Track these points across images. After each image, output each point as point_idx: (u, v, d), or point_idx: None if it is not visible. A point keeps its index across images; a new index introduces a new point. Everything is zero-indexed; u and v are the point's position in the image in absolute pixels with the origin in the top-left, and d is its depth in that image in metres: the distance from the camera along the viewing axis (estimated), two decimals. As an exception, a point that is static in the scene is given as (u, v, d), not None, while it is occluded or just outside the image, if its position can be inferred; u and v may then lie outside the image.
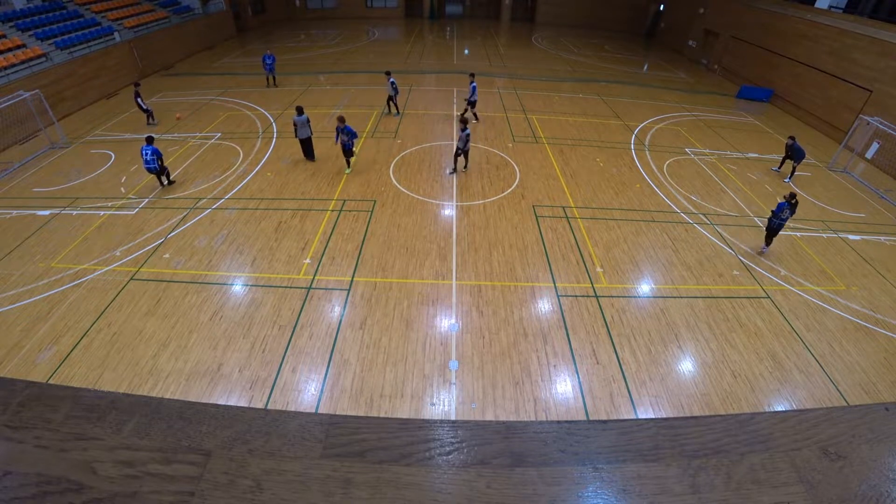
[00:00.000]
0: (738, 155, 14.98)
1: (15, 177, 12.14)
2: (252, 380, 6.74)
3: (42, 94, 13.73)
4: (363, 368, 6.97)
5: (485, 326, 7.77)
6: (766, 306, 8.57)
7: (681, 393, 6.83)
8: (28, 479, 0.76)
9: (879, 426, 0.91)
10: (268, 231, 9.99)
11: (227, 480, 0.78)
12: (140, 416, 0.87)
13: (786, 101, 19.92)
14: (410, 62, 24.10)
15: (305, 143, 12.65)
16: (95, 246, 9.42)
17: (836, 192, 13.11)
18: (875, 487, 0.79)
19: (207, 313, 7.87)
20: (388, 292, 8.42)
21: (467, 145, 11.90)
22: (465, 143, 11.80)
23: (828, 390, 7.03)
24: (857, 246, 10.60)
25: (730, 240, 10.44)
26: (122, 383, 6.63)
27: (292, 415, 0.90)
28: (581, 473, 0.81)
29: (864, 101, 16.08)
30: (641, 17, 34.47)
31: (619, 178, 12.85)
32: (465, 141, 11.78)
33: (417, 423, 0.88)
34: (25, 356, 7.02)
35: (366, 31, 31.64)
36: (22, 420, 0.85)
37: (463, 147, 11.93)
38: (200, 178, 12.05)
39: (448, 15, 39.34)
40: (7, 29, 16.84)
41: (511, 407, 6.50)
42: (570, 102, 18.88)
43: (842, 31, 17.23)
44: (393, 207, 10.98)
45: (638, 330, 7.87)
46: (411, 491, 0.77)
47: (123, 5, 21.97)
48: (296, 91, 18.90)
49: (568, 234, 10.22)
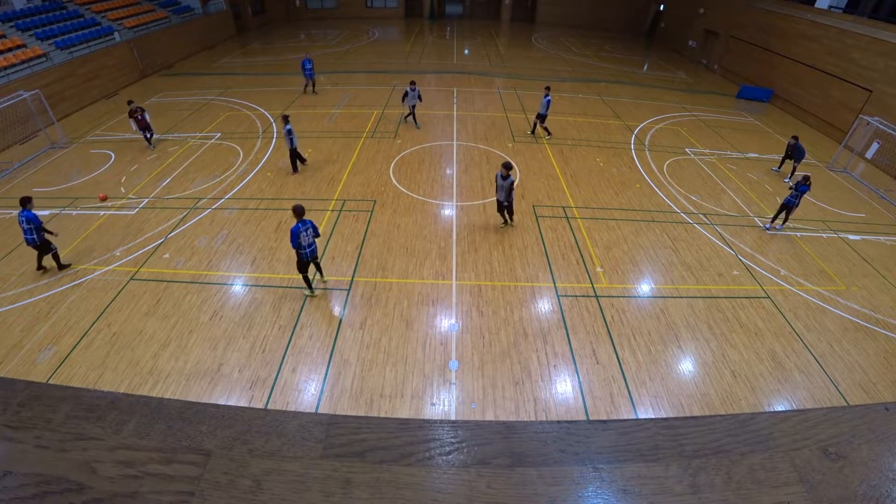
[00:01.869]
0: (738, 155, 14.97)
1: (15, 177, 12.14)
2: (252, 380, 6.74)
3: (42, 94, 13.73)
4: (363, 368, 6.96)
5: (485, 326, 7.77)
6: (766, 306, 8.57)
7: (681, 393, 6.83)
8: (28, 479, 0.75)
9: (879, 426, 0.91)
10: (268, 231, 9.99)
11: (227, 480, 0.78)
12: (140, 416, 0.87)
13: (786, 101, 19.92)
14: (410, 62, 24.10)
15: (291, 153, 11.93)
16: (95, 246, 9.41)
17: (836, 192, 13.10)
18: (875, 487, 0.79)
19: (207, 313, 7.87)
20: (388, 292, 8.42)
21: (511, 196, 9.69)
22: (508, 193, 9.57)
23: (828, 390, 7.03)
24: (857, 246, 10.59)
25: (730, 240, 10.44)
26: (122, 383, 6.63)
27: (292, 415, 0.90)
28: (581, 473, 0.81)
29: (864, 101, 16.08)
30: (641, 17, 34.46)
31: (619, 178, 12.85)
32: (509, 191, 9.55)
33: (417, 423, 0.88)
34: (25, 356, 7.02)
35: (366, 31, 31.64)
36: (22, 420, 0.85)
37: (506, 199, 9.68)
38: (200, 178, 12.05)
39: (448, 15, 39.34)
40: (7, 29, 16.84)
41: (511, 407, 6.50)
42: (570, 102, 18.88)
43: (842, 31, 17.23)
44: (393, 207, 10.97)
45: (638, 330, 7.87)
46: (411, 491, 0.77)
47: (123, 5, 21.97)
48: (296, 91, 18.89)
49: (568, 234, 10.22)
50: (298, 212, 7.43)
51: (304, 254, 7.57)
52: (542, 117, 14.47)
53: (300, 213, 7.44)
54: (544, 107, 14.22)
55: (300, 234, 7.37)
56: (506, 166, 9.43)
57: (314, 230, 7.63)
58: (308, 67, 17.81)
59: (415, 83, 14.78)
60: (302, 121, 15.82)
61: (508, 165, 9.45)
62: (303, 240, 7.45)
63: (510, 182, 9.46)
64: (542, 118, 14.49)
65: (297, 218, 7.42)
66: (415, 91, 14.66)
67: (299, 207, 7.44)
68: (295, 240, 7.36)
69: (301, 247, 7.48)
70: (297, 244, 7.41)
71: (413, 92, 14.63)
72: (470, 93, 19.21)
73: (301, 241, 7.42)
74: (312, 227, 7.57)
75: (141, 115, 13.11)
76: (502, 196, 9.69)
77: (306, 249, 7.56)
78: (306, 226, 7.47)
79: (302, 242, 7.45)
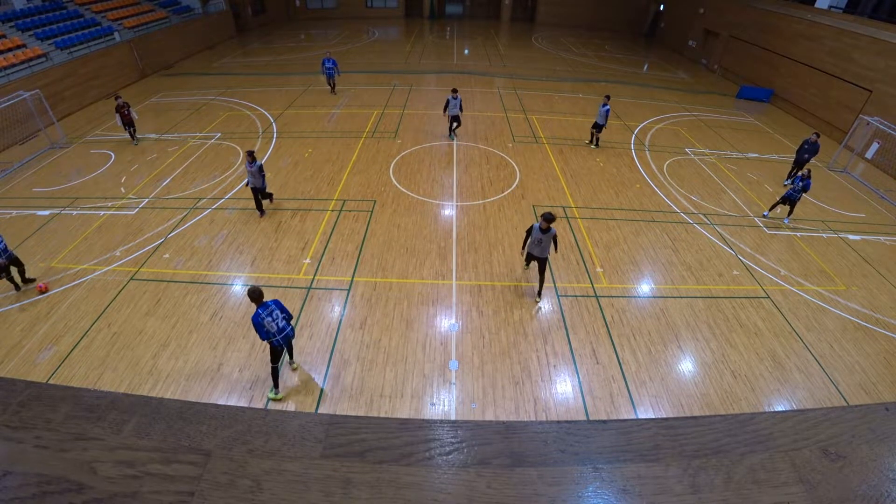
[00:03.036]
0: (738, 155, 14.97)
1: (15, 177, 12.14)
2: (252, 380, 6.74)
3: (42, 94, 13.73)
4: (363, 368, 6.96)
5: (485, 326, 7.77)
6: (766, 306, 8.56)
7: (681, 393, 6.83)
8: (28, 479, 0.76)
9: (879, 426, 0.91)
10: (268, 231, 9.99)
11: (227, 480, 0.78)
12: (140, 416, 0.87)
13: (786, 101, 19.92)
14: (410, 62, 24.10)
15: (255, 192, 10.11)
16: (95, 246, 9.41)
17: (836, 192, 13.10)
18: (875, 487, 0.79)
19: (207, 313, 7.87)
20: (388, 292, 8.42)
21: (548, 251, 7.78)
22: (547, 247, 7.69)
23: (828, 390, 7.02)
24: (857, 246, 10.59)
25: (730, 240, 10.44)
26: (122, 383, 6.63)
27: (292, 415, 0.90)
28: (581, 473, 0.81)
29: (864, 101, 16.08)
30: (641, 17, 34.46)
31: (619, 178, 12.85)
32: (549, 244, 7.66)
33: (417, 423, 0.88)
34: (25, 356, 7.02)
35: (366, 31, 31.64)
36: (22, 420, 0.85)
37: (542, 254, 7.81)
38: (200, 178, 12.05)
39: (448, 15, 39.34)
40: (7, 29, 16.84)
41: (511, 407, 6.50)
42: (570, 102, 18.88)
43: (842, 31, 17.23)
44: (393, 207, 10.97)
45: (638, 330, 7.87)
46: (411, 491, 0.77)
47: (123, 5, 21.97)
48: (296, 91, 18.90)
49: (568, 234, 10.22)
50: (254, 296, 5.83)
51: (276, 342, 6.02)
52: (600, 127, 13.93)
53: (257, 297, 5.83)
54: (603, 116, 13.56)
55: (263, 322, 5.80)
56: (546, 219, 7.29)
57: (282, 311, 6.02)
58: (328, 66, 17.73)
59: (457, 91, 13.60)
60: (302, 121, 15.83)
61: (550, 218, 7.27)
62: (269, 326, 5.86)
63: (552, 234, 7.52)
64: (599, 128, 13.96)
65: (257, 303, 5.84)
66: (457, 100, 13.45)
67: (254, 290, 5.84)
68: (261, 331, 5.83)
69: (270, 335, 5.92)
70: (264, 335, 5.90)
71: (455, 101, 13.44)
72: (470, 93, 19.21)
73: (268, 328, 5.86)
74: (278, 308, 5.98)
75: (127, 111, 13.23)
76: (538, 252, 7.78)
77: (278, 336, 5.99)
78: (268, 309, 5.87)
79: (270, 330, 5.88)
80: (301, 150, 13.65)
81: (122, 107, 13.10)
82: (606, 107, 13.51)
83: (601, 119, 13.74)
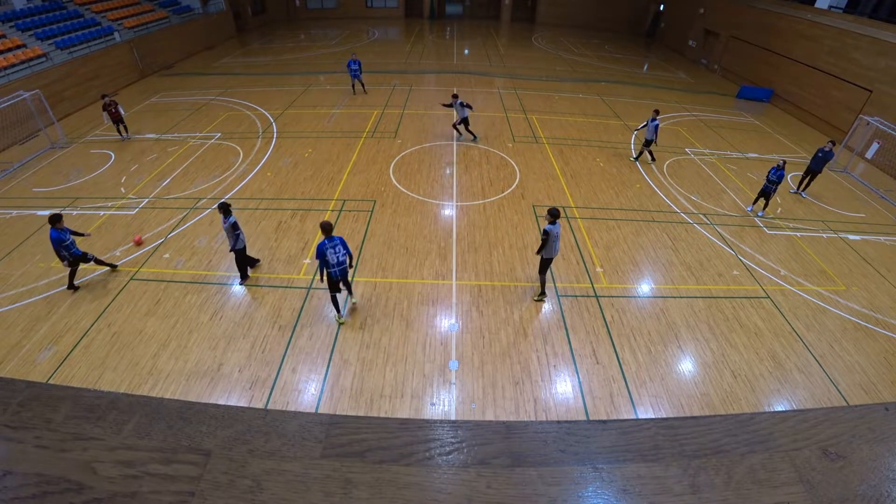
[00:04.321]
0: (738, 155, 14.97)
1: (15, 177, 12.14)
2: (252, 380, 6.74)
3: (42, 94, 13.73)
4: (363, 368, 6.96)
5: (485, 326, 7.77)
6: (766, 306, 8.56)
7: (681, 393, 6.83)
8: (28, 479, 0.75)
9: (879, 426, 0.91)
10: (268, 231, 9.99)
11: (227, 480, 0.78)
12: (140, 416, 0.87)
13: (786, 101, 19.92)
14: (410, 62, 24.10)
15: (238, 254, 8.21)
16: (95, 246, 9.41)
17: (836, 192, 13.10)
18: (875, 487, 0.79)
19: (207, 313, 7.87)
20: (388, 292, 8.42)
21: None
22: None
23: (828, 390, 7.02)
24: (857, 246, 10.59)
25: (730, 240, 10.44)
26: (122, 383, 6.63)
27: (292, 415, 0.90)
28: (581, 473, 0.81)
29: (864, 101, 16.08)
30: (641, 17, 34.46)
31: (619, 178, 12.85)
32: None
33: (417, 423, 0.88)
34: (25, 356, 7.02)
35: (366, 31, 31.64)
36: (22, 420, 0.85)
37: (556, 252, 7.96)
38: (200, 178, 12.05)
39: (448, 15, 39.35)
40: (7, 29, 16.84)
41: (511, 407, 6.50)
42: (570, 102, 18.88)
43: (842, 31, 17.23)
44: (393, 207, 10.97)
45: (638, 330, 7.87)
46: (411, 491, 0.77)
47: (123, 5, 21.98)
48: (296, 91, 18.90)
49: (568, 234, 10.22)
50: (325, 228, 6.96)
51: (333, 272, 7.05)
52: (650, 142, 13.29)
53: (327, 230, 6.94)
54: (652, 132, 13.00)
55: (326, 252, 6.87)
56: (552, 213, 7.62)
57: (344, 247, 7.04)
58: (354, 68, 17.75)
59: (457, 94, 13.71)
60: (302, 121, 15.83)
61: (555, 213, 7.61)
62: (329, 257, 6.91)
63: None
64: (648, 143, 13.32)
65: (325, 235, 6.94)
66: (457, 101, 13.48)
67: (326, 224, 7.00)
68: (320, 257, 6.89)
69: (329, 265, 6.97)
70: (323, 262, 6.94)
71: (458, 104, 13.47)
72: (470, 93, 19.21)
73: (328, 258, 6.90)
74: (342, 244, 7.02)
75: (115, 108, 13.40)
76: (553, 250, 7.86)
77: (335, 268, 7.02)
78: (333, 242, 6.93)
79: (329, 260, 6.92)
80: (301, 150, 13.66)
81: (109, 105, 13.30)
82: (655, 121, 12.94)
83: (650, 134, 13.12)
